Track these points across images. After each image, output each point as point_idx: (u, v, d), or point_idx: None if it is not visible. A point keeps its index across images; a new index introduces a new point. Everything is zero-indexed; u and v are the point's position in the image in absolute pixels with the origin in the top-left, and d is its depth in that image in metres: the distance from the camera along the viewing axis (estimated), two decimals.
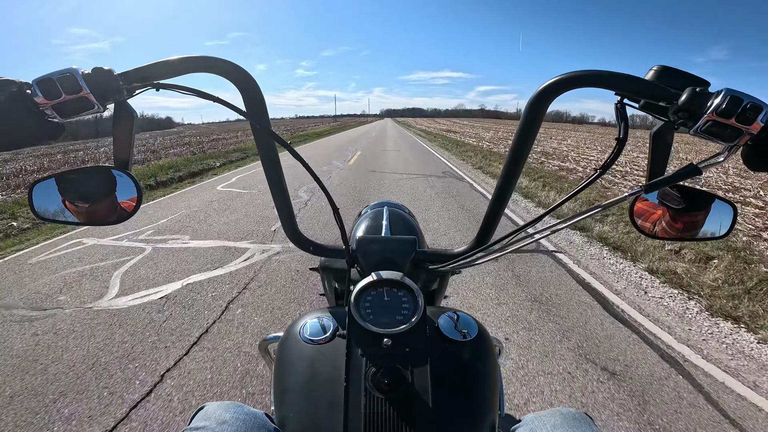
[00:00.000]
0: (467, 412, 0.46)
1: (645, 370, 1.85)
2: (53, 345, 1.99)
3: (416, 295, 0.52)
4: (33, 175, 8.61)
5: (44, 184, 0.44)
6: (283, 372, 0.51)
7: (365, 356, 0.48)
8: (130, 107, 0.43)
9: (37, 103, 0.37)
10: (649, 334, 2.18)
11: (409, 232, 0.80)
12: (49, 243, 3.65)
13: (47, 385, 1.69)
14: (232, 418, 0.44)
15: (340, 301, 0.76)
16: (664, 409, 1.60)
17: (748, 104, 0.34)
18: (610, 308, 2.45)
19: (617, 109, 0.42)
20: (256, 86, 0.47)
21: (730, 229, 0.46)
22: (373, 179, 6.98)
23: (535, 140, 0.48)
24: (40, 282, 2.77)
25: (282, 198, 0.56)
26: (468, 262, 0.55)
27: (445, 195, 5.65)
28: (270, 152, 0.51)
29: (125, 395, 1.63)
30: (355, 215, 1.00)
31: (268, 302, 2.42)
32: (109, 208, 0.45)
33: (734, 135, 0.35)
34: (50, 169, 9.96)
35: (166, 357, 1.88)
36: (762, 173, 0.40)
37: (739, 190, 6.95)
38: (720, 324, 2.33)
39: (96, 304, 2.42)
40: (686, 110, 0.36)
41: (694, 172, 0.38)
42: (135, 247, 3.39)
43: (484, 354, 0.52)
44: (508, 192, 0.52)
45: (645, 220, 0.50)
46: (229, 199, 5.37)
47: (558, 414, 0.48)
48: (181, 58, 0.43)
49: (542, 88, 0.43)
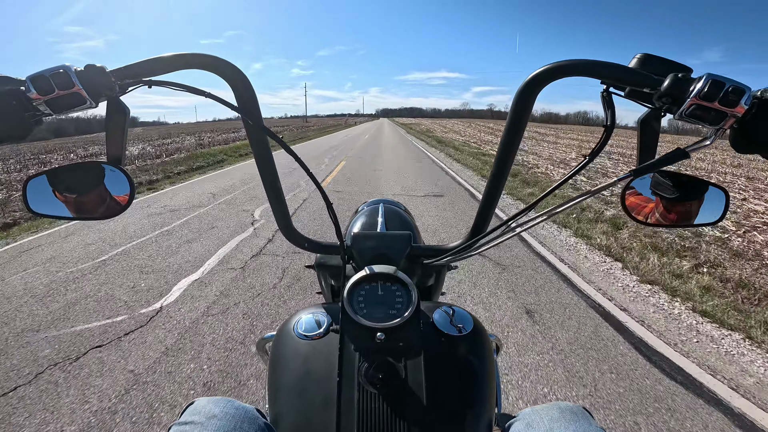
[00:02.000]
0: (462, 407, 0.46)
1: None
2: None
3: (410, 288, 0.51)
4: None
5: (38, 180, 0.44)
6: (277, 368, 0.50)
7: (358, 351, 0.48)
8: (122, 104, 0.44)
9: (31, 98, 0.38)
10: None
11: (404, 228, 0.80)
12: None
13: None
14: (222, 412, 0.43)
15: (336, 298, 0.75)
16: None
17: (730, 87, 0.34)
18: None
19: (603, 97, 0.42)
20: (247, 83, 0.47)
21: (723, 214, 0.46)
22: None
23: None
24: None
25: (275, 194, 0.56)
26: (462, 256, 0.55)
27: None
28: (262, 148, 0.52)
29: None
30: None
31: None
32: (102, 203, 0.46)
33: (719, 118, 0.35)
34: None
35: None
36: (750, 155, 0.40)
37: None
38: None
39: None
40: (669, 95, 0.37)
41: (682, 155, 0.38)
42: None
43: (480, 349, 0.51)
44: (500, 186, 0.52)
45: (639, 211, 0.50)
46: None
47: (555, 408, 0.47)
48: (173, 55, 0.44)
49: (529, 79, 0.44)
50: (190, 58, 0.44)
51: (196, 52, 0.44)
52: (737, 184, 7.96)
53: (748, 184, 8.05)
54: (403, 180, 7.20)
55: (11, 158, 11.94)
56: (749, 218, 4.92)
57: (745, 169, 10.76)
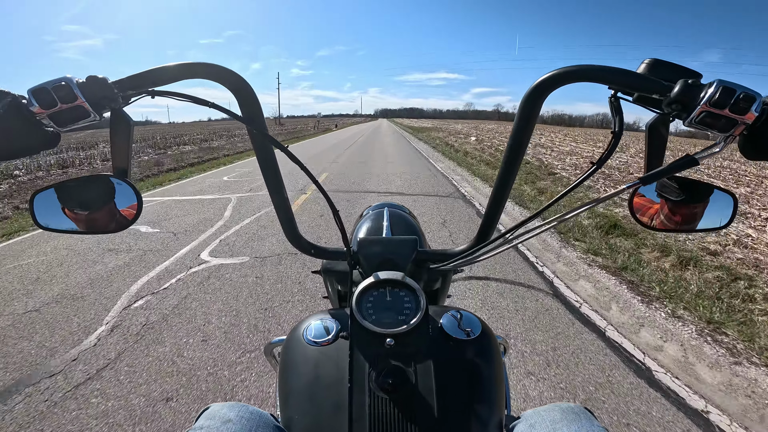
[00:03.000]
0: (472, 410, 0.46)
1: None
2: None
3: (418, 294, 0.52)
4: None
5: (45, 194, 0.44)
6: (287, 374, 0.51)
7: (368, 357, 0.48)
8: (126, 115, 0.43)
9: (34, 112, 0.37)
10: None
11: (410, 232, 0.80)
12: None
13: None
14: (237, 416, 0.44)
15: (343, 303, 0.76)
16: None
17: (741, 94, 0.34)
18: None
19: (611, 103, 0.42)
20: (251, 91, 0.47)
21: (731, 219, 0.46)
22: None
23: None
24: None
25: (281, 201, 0.56)
26: (469, 260, 0.55)
27: None
28: (267, 155, 0.51)
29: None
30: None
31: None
32: (109, 217, 0.45)
33: (729, 125, 0.35)
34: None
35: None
36: (761, 161, 0.40)
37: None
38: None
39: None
40: (679, 102, 0.36)
41: (691, 162, 0.38)
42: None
43: (489, 352, 0.52)
44: (507, 189, 0.52)
45: (644, 213, 0.50)
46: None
47: (557, 409, 0.48)
48: (177, 64, 0.43)
49: (537, 84, 0.44)
50: (194, 68, 0.43)
51: (200, 62, 0.44)
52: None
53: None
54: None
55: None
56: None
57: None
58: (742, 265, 3.23)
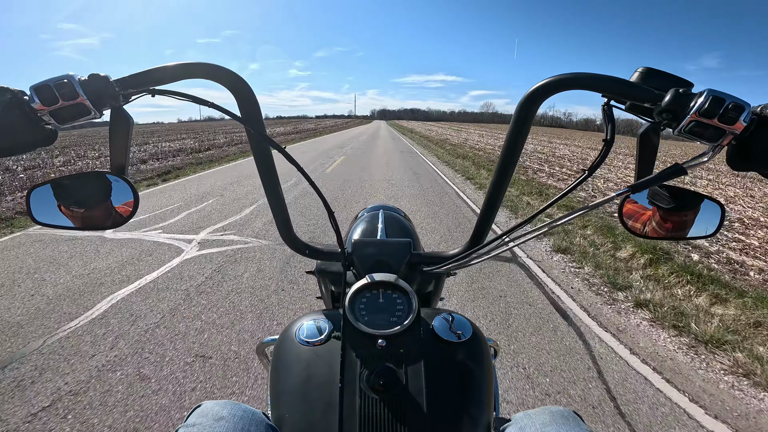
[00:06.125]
0: (462, 412, 0.46)
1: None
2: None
3: (410, 296, 0.52)
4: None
5: (41, 189, 0.44)
6: (279, 373, 0.51)
7: (360, 357, 0.48)
8: (126, 113, 0.44)
9: (35, 109, 0.37)
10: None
11: (404, 235, 0.80)
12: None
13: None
14: (229, 414, 0.44)
15: (336, 303, 0.76)
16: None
17: (730, 104, 0.34)
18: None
19: (604, 111, 0.43)
20: (251, 92, 0.47)
21: (718, 228, 0.47)
22: None
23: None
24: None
25: (277, 201, 0.56)
26: (461, 264, 0.56)
27: None
28: (265, 156, 0.52)
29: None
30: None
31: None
32: (105, 213, 0.46)
33: (717, 135, 0.35)
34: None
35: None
36: (747, 173, 0.41)
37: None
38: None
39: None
40: (670, 111, 0.37)
41: (680, 172, 0.39)
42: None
43: (479, 355, 0.52)
44: (500, 194, 0.52)
45: (635, 220, 0.50)
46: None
47: (547, 412, 0.48)
48: (177, 64, 0.43)
49: (532, 91, 0.44)
50: (194, 68, 0.44)
51: (200, 62, 0.44)
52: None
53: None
54: None
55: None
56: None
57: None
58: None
